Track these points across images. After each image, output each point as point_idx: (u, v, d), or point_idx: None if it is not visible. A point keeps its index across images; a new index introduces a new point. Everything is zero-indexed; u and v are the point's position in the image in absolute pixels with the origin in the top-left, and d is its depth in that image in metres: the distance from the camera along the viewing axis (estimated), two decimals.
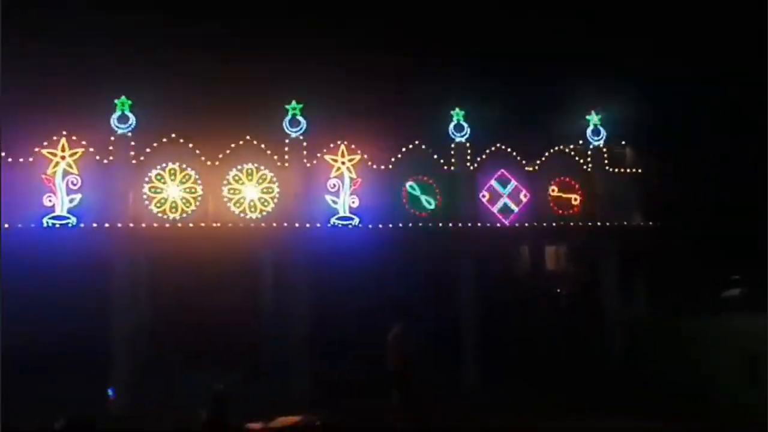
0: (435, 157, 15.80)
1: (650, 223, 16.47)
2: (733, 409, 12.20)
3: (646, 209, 16.83)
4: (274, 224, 14.55)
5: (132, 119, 14.28)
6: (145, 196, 14.19)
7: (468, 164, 15.96)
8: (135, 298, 14.29)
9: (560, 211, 16.28)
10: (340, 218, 15.00)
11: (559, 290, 16.80)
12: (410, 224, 15.25)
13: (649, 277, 16.57)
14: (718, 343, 13.30)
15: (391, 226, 15.06)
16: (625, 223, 16.34)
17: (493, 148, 16.17)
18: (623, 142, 17.00)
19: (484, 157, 16.09)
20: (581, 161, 16.68)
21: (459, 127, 15.99)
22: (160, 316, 14.34)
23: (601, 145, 16.72)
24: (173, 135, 14.42)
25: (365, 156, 15.31)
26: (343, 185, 15.11)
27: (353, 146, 15.25)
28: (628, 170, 17.01)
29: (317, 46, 16.46)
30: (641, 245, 16.69)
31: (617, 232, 16.30)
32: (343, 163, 15.18)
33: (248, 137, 14.77)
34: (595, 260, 16.70)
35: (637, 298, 16.61)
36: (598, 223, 16.16)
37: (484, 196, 15.96)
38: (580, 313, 16.60)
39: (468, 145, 15.98)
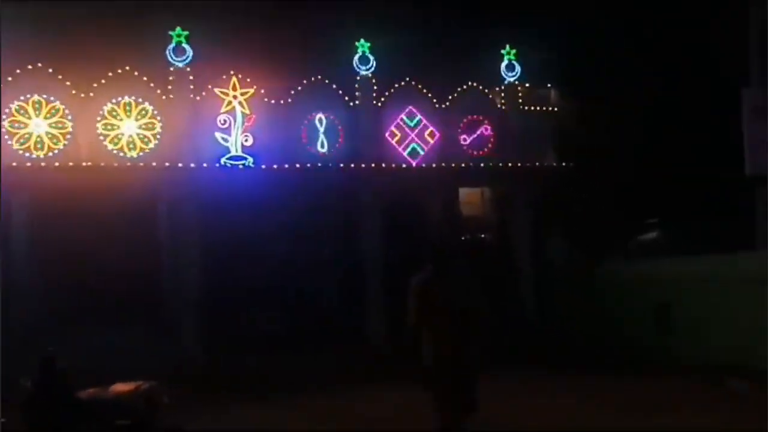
0: (338, 91, 14.53)
1: (564, 164, 15.64)
2: (641, 357, 11.63)
3: (562, 150, 16.02)
4: (155, 164, 13.08)
5: None
6: (5, 132, 12.51)
7: (374, 100, 14.76)
8: None
9: (471, 152, 15.30)
10: (231, 158, 13.64)
11: (467, 235, 15.92)
12: (309, 164, 14.00)
13: (564, 221, 15.86)
14: (629, 289, 12.73)
15: (287, 166, 13.78)
16: (537, 164, 15.47)
17: (401, 83, 15.01)
18: (539, 80, 16.06)
19: (391, 92, 14.91)
20: (495, 99, 15.69)
21: (364, 60, 14.72)
22: (24, 269, 12.74)
23: (516, 82, 15.74)
24: (37, 62, 12.72)
25: (260, 90, 13.91)
26: (235, 121, 13.71)
27: (247, 79, 13.82)
28: (544, 109, 16.15)
29: None
30: (557, 187, 15.95)
31: (531, 172, 15.45)
32: (234, 97, 13.75)
33: (126, 67, 13.17)
34: (508, 203, 15.88)
35: (550, 243, 15.94)
36: (509, 164, 15.23)
37: (390, 134, 14.82)
38: (490, 259, 15.82)
39: (374, 79, 14.75)
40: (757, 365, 9.40)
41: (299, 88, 14.25)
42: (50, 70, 12.70)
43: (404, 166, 14.74)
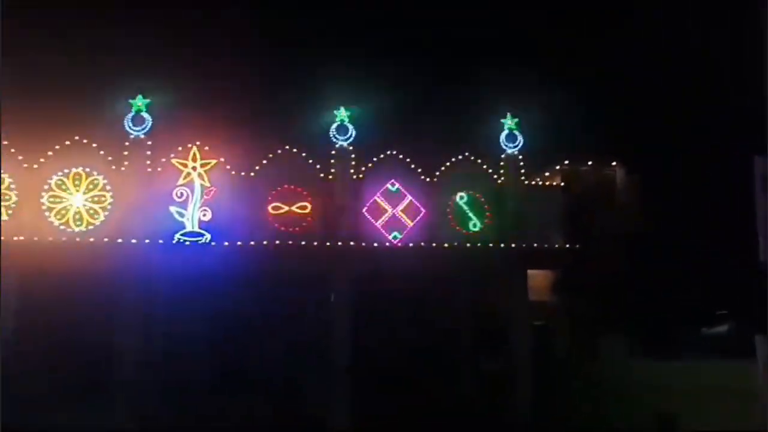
0: (311, 163, 13.40)
1: (569, 246, 13.83)
2: None
3: (568, 229, 14.24)
4: (106, 239, 12.14)
5: None
6: None
7: (352, 172, 13.52)
8: None
9: (462, 230, 13.72)
10: (186, 234, 12.57)
11: (455, 324, 14.24)
12: (273, 242, 12.74)
13: (568, 311, 13.98)
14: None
15: (240, 244, 12.57)
16: (536, 245, 13.68)
17: (383, 155, 13.74)
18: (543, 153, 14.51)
19: (372, 164, 13.67)
20: (492, 171, 14.12)
21: (343, 129, 13.57)
22: None
23: (517, 153, 14.19)
24: None
25: (222, 161, 12.94)
26: (193, 195, 12.71)
27: (208, 149, 12.89)
28: (548, 183, 14.54)
29: (166, 34, 14.04)
30: (560, 271, 14.18)
31: (529, 254, 13.71)
32: (194, 168, 12.80)
33: (79, 136, 12.48)
34: (504, 289, 14.11)
35: (554, 336, 14.07)
36: (502, 245, 13.53)
37: (369, 210, 13.48)
38: (487, 352, 14.08)
39: (352, 150, 13.55)
40: None
41: (267, 159, 13.18)
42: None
43: (384, 245, 13.28)
